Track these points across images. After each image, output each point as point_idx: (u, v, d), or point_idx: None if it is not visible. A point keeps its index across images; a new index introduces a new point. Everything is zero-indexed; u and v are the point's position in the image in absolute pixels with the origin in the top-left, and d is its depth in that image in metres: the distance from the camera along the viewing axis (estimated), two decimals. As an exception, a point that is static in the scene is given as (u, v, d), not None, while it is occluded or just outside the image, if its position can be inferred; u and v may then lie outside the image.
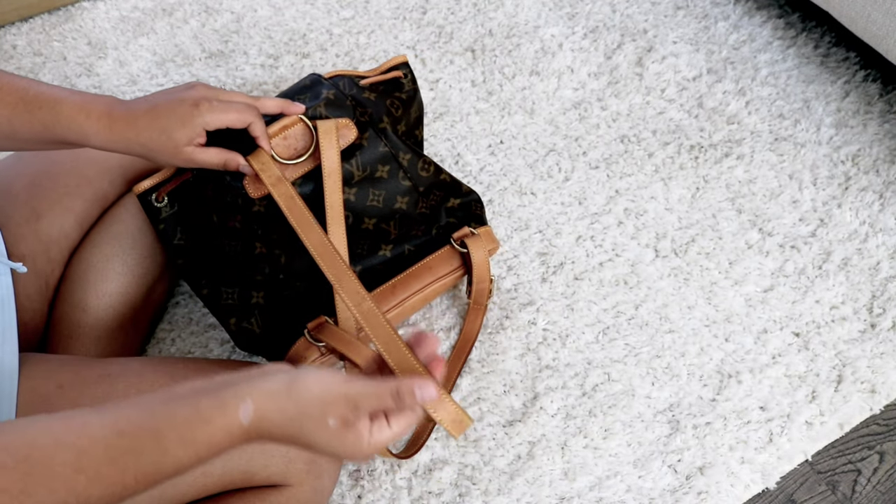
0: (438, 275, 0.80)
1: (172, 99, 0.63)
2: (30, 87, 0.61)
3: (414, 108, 0.85)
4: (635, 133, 1.06)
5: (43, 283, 0.75)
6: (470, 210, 0.84)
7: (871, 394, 0.84)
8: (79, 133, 0.61)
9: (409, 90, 0.84)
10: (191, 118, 0.62)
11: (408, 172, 0.78)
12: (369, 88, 0.80)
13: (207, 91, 0.65)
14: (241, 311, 0.76)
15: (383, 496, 0.79)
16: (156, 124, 0.62)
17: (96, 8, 1.23)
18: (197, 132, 0.63)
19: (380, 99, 0.80)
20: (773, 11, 1.20)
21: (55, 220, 0.76)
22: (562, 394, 0.85)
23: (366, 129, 0.76)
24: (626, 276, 0.93)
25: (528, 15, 1.20)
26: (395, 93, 0.82)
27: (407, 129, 0.83)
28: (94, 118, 0.61)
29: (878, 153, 1.03)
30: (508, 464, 0.81)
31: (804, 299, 0.91)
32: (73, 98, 0.61)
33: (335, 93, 0.77)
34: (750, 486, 0.80)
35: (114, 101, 0.63)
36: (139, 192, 0.76)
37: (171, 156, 0.64)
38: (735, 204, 0.99)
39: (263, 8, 1.22)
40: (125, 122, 0.62)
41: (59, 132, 0.61)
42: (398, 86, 0.83)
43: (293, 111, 0.73)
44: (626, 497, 0.79)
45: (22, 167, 0.78)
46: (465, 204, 0.84)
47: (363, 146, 0.76)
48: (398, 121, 0.81)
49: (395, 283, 0.78)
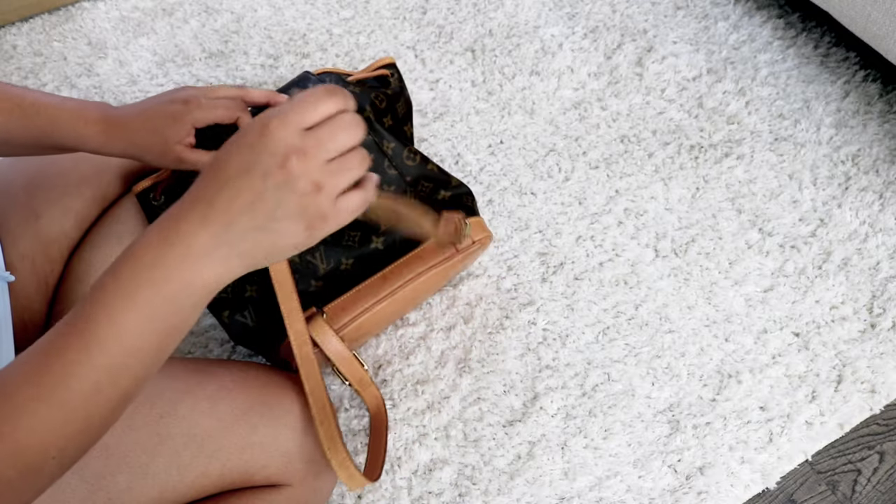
0: (429, 263, 0.79)
1: (163, 101, 0.66)
2: (25, 94, 0.63)
3: (400, 103, 0.86)
4: (635, 133, 1.06)
5: (43, 283, 0.75)
6: (461, 202, 0.84)
7: (871, 394, 0.84)
8: (76, 139, 0.64)
9: (395, 87, 0.85)
10: (180, 116, 0.64)
11: (392, 161, 0.79)
12: (355, 84, 0.82)
13: (195, 91, 0.67)
14: (234, 304, 0.76)
15: (383, 496, 0.79)
16: (148, 125, 0.64)
17: (96, 8, 1.23)
18: (186, 130, 0.65)
19: (364, 93, 0.81)
20: (773, 11, 1.20)
21: (55, 220, 0.76)
22: (562, 394, 0.85)
23: None
24: (626, 276, 0.93)
25: (528, 15, 1.20)
26: (381, 88, 0.84)
27: (394, 124, 0.84)
28: (91, 123, 0.63)
29: (878, 153, 1.03)
30: (508, 464, 0.81)
31: (804, 299, 0.91)
32: (69, 105, 0.64)
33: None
34: (750, 486, 0.80)
35: (108, 107, 0.65)
36: (138, 191, 0.76)
37: (162, 155, 0.66)
38: (735, 204, 0.99)
39: (263, 8, 1.22)
40: (120, 126, 0.64)
41: (56, 138, 0.63)
42: (384, 82, 0.85)
43: (279, 101, 0.74)
44: (626, 497, 0.79)
45: (21, 167, 0.78)
46: (456, 196, 0.84)
47: None
48: (383, 113, 0.82)
49: (386, 274, 0.78)
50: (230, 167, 0.41)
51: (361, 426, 0.83)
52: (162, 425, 0.61)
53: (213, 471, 0.63)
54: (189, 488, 0.63)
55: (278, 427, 0.66)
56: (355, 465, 0.67)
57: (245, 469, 0.64)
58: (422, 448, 0.81)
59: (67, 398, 0.39)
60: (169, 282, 0.40)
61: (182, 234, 0.40)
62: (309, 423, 0.67)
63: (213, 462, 0.63)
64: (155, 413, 0.62)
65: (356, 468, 0.67)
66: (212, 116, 0.66)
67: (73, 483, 0.58)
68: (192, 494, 0.63)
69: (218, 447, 0.63)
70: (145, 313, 0.40)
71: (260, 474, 0.65)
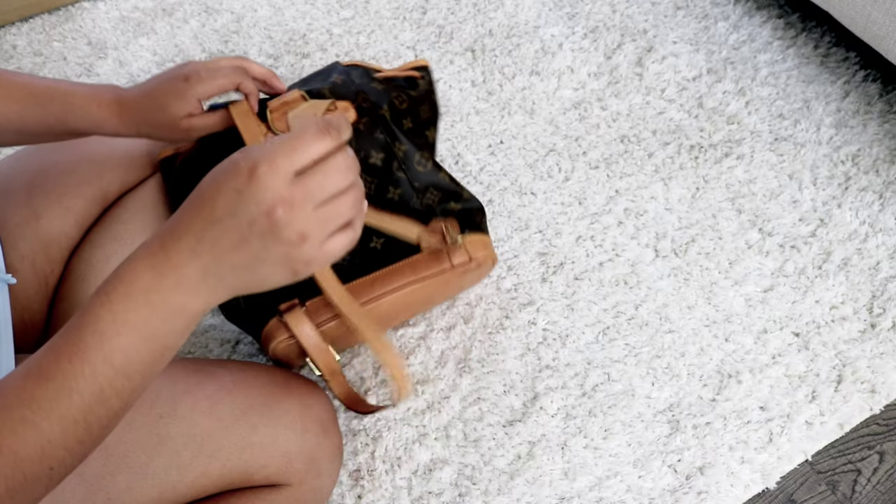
0: (420, 274, 0.76)
1: (166, 79, 0.67)
2: (35, 82, 0.64)
3: (425, 107, 0.83)
4: (635, 133, 1.06)
5: (43, 282, 0.75)
6: (470, 217, 0.82)
7: (871, 394, 0.84)
8: (91, 122, 0.65)
9: (422, 89, 0.83)
10: (183, 93, 0.65)
11: (403, 164, 0.77)
12: (381, 81, 0.80)
13: (196, 65, 0.68)
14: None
15: (383, 496, 0.79)
16: (155, 103, 0.66)
17: (96, 8, 1.23)
18: (192, 104, 0.66)
19: (386, 91, 0.79)
20: (773, 11, 1.20)
21: (55, 220, 0.76)
22: (562, 394, 0.85)
23: (365, 114, 0.76)
24: (626, 276, 0.93)
25: (528, 15, 1.20)
26: (406, 88, 0.82)
27: (414, 127, 0.82)
28: (105, 106, 0.65)
29: (878, 153, 1.03)
30: (508, 464, 0.81)
31: (804, 299, 0.91)
32: (81, 90, 0.65)
33: (343, 78, 0.77)
34: (750, 486, 0.80)
35: (118, 89, 0.66)
36: (161, 158, 0.78)
37: (173, 130, 0.67)
38: (735, 204, 0.99)
39: (263, 8, 1.22)
40: (130, 108, 0.65)
41: (71, 123, 0.65)
42: (412, 84, 0.83)
43: (276, 85, 0.75)
44: (626, 497, 0.79)
45: (21, 167, 0.78)
46: (466, 210, 0.81)
47: (359, 130, 0.76)
48: (402, 114, 0.80)
49: (376, 277, 0.77)
50: (217, 208, 0.40)
51: (362, 426, 0.83)
52: (162, 425, 0.61)
53: (212, 471, 0.63)
54: (189, 488, 0.63)
55: (278, 427, 0.66)
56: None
57: (245, 469, 0.64)
58: (422, 448, 0.81)
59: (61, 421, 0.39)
60: (166, 304, 0.41)
61: (172, 265, 0.40)
62: (309, 423, 0.68)
63: (212, 462, 0.63)
64: (155, 413, 0.62)
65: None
66: (213, 88, 0.67)
67: (72, 483, 0.58)
68: (192, 494, 0.63)
69: (218, 447, 0.63)
70: (143, 334, 0.40)
71: (260, 474, 0.65)
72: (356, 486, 0.79)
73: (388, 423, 0.83)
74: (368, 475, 0.80)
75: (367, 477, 0.80)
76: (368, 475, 0.80)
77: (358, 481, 0.80)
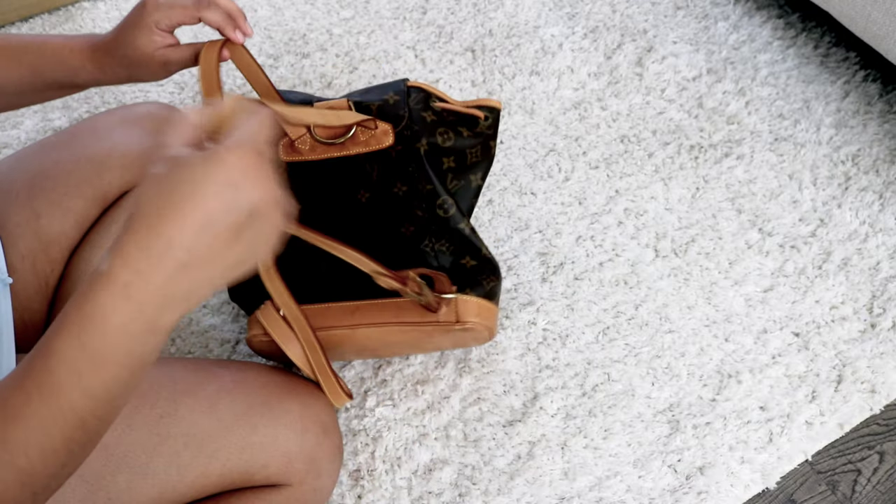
0: (402, 318, 0.72)
1: (130, 13, 0.66)
2: (9, 38, 0.64)
3: (476, 150, 0.76)
4: (635, 133, 1.06)
5: (43, 283, 0.75)
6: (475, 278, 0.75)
7: (871, 394, 0.84)
8: (67, 71, 0.65)
9: (480, 132, 0.76)
10: (139, 21, 0.64)
11: (423, 202, 0.72)
12: (436, 111, 0.74)
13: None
14: None
15: (383, 496, 0.79)
16: (123, 40, 0.65)
17: (96, 8, 1.23)
18: (156, 34, 0.64)
19: (435, 123, 0.74)
20: (773, 11, 1.20)
21: (55, 220, 0.76)
22: (562, 394, 0.85)
23: (402, 142, 0.72)
24: (626, 276, 0.93)
25: (528, 15, 1.20)
26: (459, 127, 0.75)
27: (456, 167, 0.75)
28: (78, 52, 0.65)
29: (878, 153, 1.03)
30: (508, 464, 0.81)
31: (804, 299, 0.91)
32: (55, 39, 0.65)
33: (398, 99, 0.73)
34: (750, 486, 0.80)
35: (92, 36, 0.66)
36: None
37: (149, 66, 0.66)
38: (735, 204, 0.99)
39: (263, 8, 1.22)
40: (103, 49, 0.65)
41: (48, 75, 0.64)
42: (471, 122, 0.76)
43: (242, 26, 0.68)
44: (626, 497, 0.79)
45: (22, 167, 0.78)
46: (477, 269, 0.75)
47: (391, 157, 0.72)
48: (444, 152, 0.74)
49: (359, 306, 0.74)
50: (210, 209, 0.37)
51: (362, 426, 0.83)
52: (162, 425, 0.61)
53: (213, 471, 0.63)
54: (189, 488, 0.63)
55: (278, 427, 0.66)
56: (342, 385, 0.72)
57: (245, 469, 0.64)
58: (422, 448, 0.81)
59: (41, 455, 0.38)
60: (149, 330, 0.38)
61: (155, 288, 0.37)
62: (309, 423, 0.68)
63: (213, 462, 0.63)
64: (155, 413, 0.62)
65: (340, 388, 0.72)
66: (171, 18, 0.64)
67: (72, 483, 0.58)
68: (192, 494, 0.64)
69: (218, 447, 0.63)
70: (124, 363, 0.38)
71: (260, 474, 0.65)
72: (356, 486, 0.79)
73: (388, 423, 0.83)
74: (368, 475, 0.80)
75: (367, 477, 0.80)
76: (368, 475, 0.80)
77: (358, 481, 0.80)
